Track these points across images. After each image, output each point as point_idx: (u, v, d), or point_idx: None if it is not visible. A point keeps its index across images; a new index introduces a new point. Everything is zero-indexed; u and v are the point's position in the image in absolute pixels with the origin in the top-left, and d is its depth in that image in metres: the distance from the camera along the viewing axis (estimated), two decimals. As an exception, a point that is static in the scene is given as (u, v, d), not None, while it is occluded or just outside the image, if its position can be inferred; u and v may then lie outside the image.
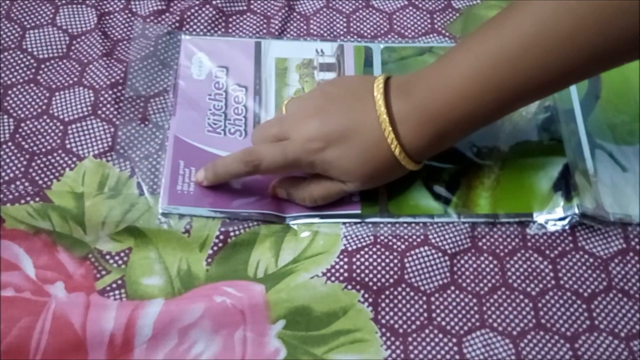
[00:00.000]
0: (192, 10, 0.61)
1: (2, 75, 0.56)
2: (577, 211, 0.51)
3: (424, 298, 0.49)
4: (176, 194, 0.51)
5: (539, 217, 0.52)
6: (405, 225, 0.51)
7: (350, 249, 0.50)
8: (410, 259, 0.50)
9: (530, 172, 0.54)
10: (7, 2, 0.59)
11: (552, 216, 0.52)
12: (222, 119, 0.56)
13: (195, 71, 0.58)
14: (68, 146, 0.53)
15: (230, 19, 0.61)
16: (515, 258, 0.50)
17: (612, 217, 0.52)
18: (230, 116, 0.56)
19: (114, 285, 0.48)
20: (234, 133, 0.55)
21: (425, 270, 0.49)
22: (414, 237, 0.51)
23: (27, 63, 0.57)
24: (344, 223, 0.51)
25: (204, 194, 0.51)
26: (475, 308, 0.48)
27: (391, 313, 0.48)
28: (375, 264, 0.49)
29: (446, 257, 0.50)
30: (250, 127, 0.55)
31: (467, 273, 0.50)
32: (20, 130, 0.53)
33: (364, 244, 0.50)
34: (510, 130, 0.56)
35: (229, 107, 0.56)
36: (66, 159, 0.52)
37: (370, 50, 0.60)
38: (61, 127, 0.54)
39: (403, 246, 0.50)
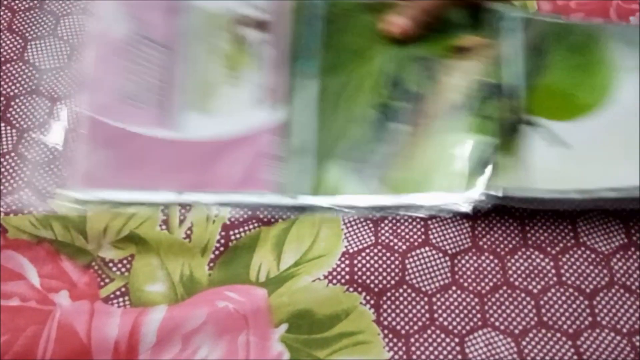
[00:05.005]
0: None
1: (5, 86, 0.56)
2: (498, 192, 0.49)
3: (426, 299, 0.49)
4: (91, 176, 0.47)
5: (460, 197, 0.49)
6: (406, 224, 0.52)
7: (351, 250, 0.50)
8: (411, 260, 0.50)
9: (458, 151, 0.51)
10: (9, 14, 0.60)
11: (473, 195, 0.49)
12: (141, 85, 0.49)
13: (111, 27, 0.50)
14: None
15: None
16: (516, 256, 0.50)
17: (539, 196, 0.50)
18: (149, 82, 0.49)
19: (118, 293, 0.48)
20: (151, 103, 0.49)
21: (427, 271, 0.50)
22: (415, 237, 0.51)
23: (29, 74, 0.57)
24: (345, 223, 0.52)
25: (121, 172, 0.47)
26: (477, 307, 0.49)
27: (393, 314, 0.48)
28: (376, 265, 0.50)
29: (447, 258, 0.50)
30: (176, 95, 0.49)
31: (469, 273, 0.50)
32: (23, 140, 0.54)
33: (364, 245, 0.50)
34: (442, 104, 0.53)
35: (149, 70, 0.50)
36: (69, 167, 0.53)
37: (310, 5, 0.54)
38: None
39: (404, 247, 0.50)
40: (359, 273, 0.49)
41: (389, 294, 0.49)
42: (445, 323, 0.48)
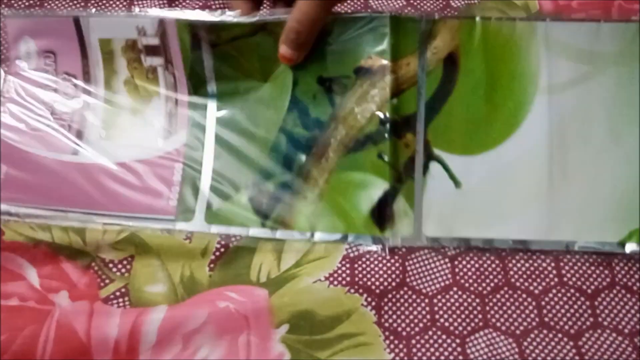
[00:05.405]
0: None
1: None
2: (388, 243, 0.50)
3: (427, 300, 0.49)
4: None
5: (354, 241, 0.50)
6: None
7: (352, 255, 0.50)
8: (411, 261, 0.50)
9: (353, 191, 0.50)
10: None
11: (365, 242, 0.50)
12: (54, 114, 0.53)
13: (23, 59, 0.54)
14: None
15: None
16: (517, 257, 0.50)
17: (428, 243, 0.50)
18: (57, 110, 0.53)
19: (118, 294, 0.48)
20: (62, 130, 0.52)
21: (427, 272, 0.49)
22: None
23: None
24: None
25: (30, 192, 0.51)
26: (479, 308, 0.48)
27: (394, 316, 0.48)
28: (377, 268, 0.49)
29: (447, 259, 0.50)
30: (84, 123, 0.53)
31: (470, 273, 0.50)
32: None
33: (365, 249, 0.50)
34: (343, 137, 0.51)
35: (60, 101, 0.53)
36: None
37: (197, 29, 0.51)
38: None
39: (404, 249, 0.50)
40: (360, 275, 0.49)
41: (390, 296, 0.48)
42: (447, 324, 0.48)
